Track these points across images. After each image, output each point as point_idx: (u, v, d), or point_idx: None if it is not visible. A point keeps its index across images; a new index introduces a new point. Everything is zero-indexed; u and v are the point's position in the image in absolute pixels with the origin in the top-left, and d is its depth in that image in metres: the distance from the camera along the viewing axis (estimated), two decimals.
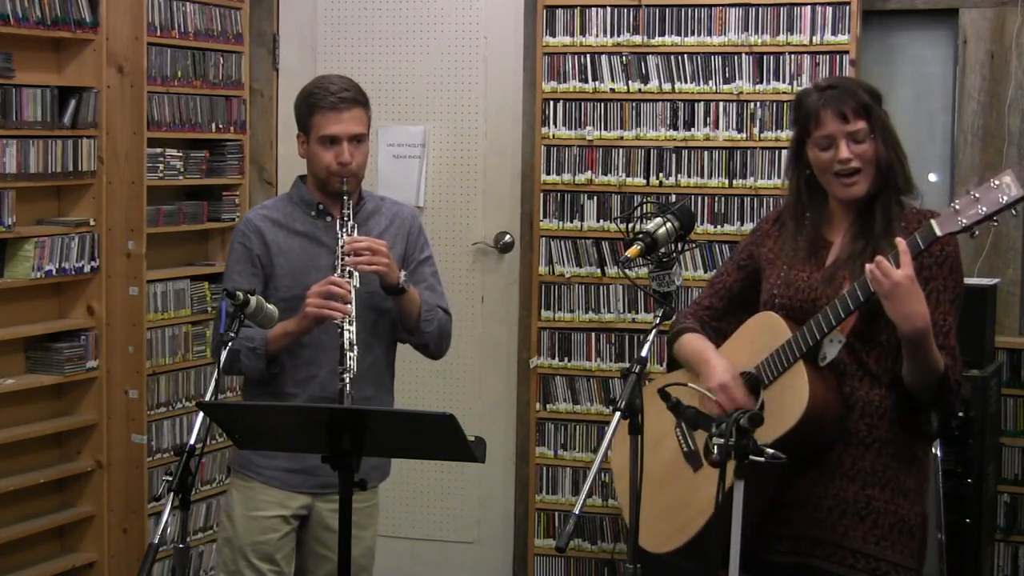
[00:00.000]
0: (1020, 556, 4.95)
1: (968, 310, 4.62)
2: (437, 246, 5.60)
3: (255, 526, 3.59)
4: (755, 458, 2.72)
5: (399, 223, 3.72)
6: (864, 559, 3.05)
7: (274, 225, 3.62)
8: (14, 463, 4.82)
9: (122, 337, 5.02)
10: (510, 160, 5.48)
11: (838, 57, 4.91)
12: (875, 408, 3.06)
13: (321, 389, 3.55)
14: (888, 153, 3.07)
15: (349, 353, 3.39)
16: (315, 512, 3.64)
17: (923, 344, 2.92)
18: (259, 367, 3.52)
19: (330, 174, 3.56)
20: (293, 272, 3.58)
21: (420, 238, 3.77)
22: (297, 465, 3.57)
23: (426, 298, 3.66)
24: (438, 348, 3.74)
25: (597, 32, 5.16)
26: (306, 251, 3.61)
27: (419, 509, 5.59)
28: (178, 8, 5.15)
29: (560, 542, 2.68)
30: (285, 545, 3.62)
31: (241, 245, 3.63)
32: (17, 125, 4.69)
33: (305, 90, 3.64)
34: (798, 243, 3.18)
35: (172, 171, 5.18)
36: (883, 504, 3.06)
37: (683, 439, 3.24)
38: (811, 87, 3.19)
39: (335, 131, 3.54)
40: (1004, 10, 5.03)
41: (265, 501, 3.60)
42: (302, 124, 3.62)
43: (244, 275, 3.58)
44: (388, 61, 5.57)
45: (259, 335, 3.50)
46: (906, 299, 2.86)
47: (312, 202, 3.65)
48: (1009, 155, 5.02)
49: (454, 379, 5.53)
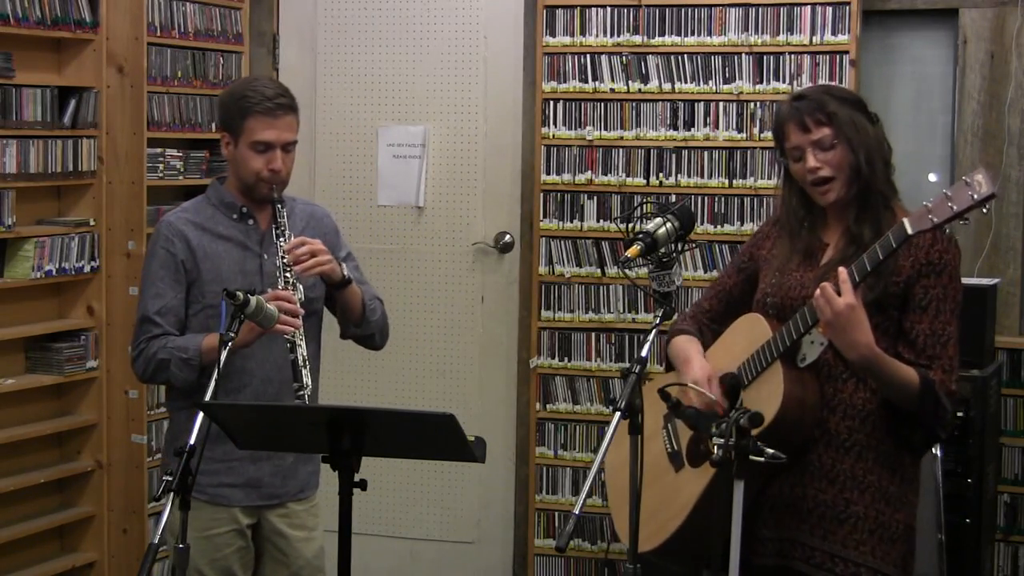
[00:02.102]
0: (1020, 556, 4.95)
1: (968, 310, 4.63)
2: (437, 246, 5.64)
3: (208, 545, 3.51)
4: (755, 458, 2.72)
5: (315, 223, 3.65)
6: (843, 563, 3.03)
7: (197, 229, 3.52)
8: (14, 463, 4.82)
9: (122, 337, 5.02)
10: (510, 160, 5.48)
11: (838, 57, 4.91)
12: (857, 411, 3.04)
13: (254, 398, 3.48)
14: (857, 157, 3.05)
15: (303, 370, 3.34)
16: (265, 521, 3.59)
17: (874, 369, 2.92)
18: (190, 378, 3.43)
19: (259, 180, 3.47)
20: (220, 277, 3.48)
21: (338, 237, 3.70)
22: (239, 480, 3.52)
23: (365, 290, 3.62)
24: (382, 338, 3.68)
25: (597, 32, 5.16)
26: (232, 256, 3.52)
27: (419, 509, 5.59)
28: (178, 8, 5.15)
29: (560, 542, 2.68)
30: (243, 556, 3.57)
31: (164, 250, 3.50)
32: (17, 125, 4.69)
33: (236, 91, 3.52)
34: (795, 245, 3.18)
35: (172, 171, 5.18)
36: (862, 509, 3.03)
37: (668, 440, 3.24)
38: (785, 99, 3.21)
39: (269, 138, 3.44)
40: (1004, 10, 5.02)
41: (215, 519, 3.53)
42: (229, 125, 3.49)
43: (168, 282, 3.49)
44: (388, 61, 5.57)
45: (192, 345, 3.42)
46: (847, 328, 2.85)
47: (235, 205, 3.55)
48: (1009, 155, 5.02)
49: (454, 379, 5.54)
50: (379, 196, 5.58)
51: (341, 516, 2.97)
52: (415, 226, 5.57)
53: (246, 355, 3.45)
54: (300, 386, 3.34)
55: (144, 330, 3.50)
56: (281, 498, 3.60)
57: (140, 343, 3.50)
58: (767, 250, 3.27)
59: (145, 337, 3.49)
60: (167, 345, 3.45)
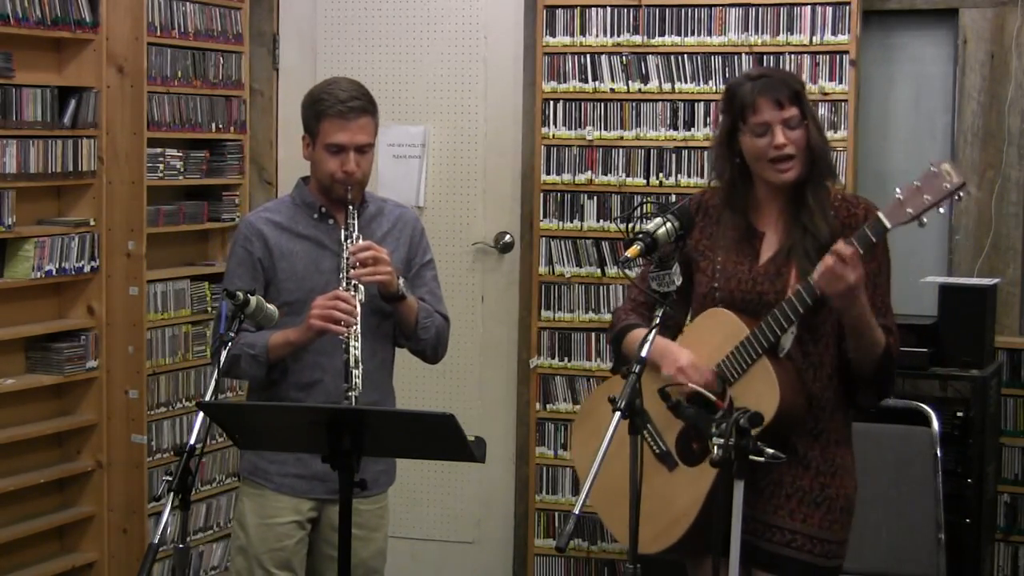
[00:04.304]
0: (1020, 556, 4.95)
1: (968, 310, 4.66)
2: (437, 246, 5.59)
3: (270, 534, 3.57)
4: (755, 458, 2.73)
5: (402, 226, 3.70)
6: (820, 544, 3.15)
7: (276, 228, 3.60)
8: (14, 463, 4.82)
9: (122, 337, 5.02)
10: (510, 160, 5.48)
11: (838, 57, 4.91)
12: (818, 399, 3.16)
13: (326, 395, 3.53)
14: (820, 139, 3.16)
15: (354, 371, 3.38)
16: (325, 515, 3.62)
17: (860, 326, 3.04)
18: (259, 374, 3.51)
19: (334, 181, 3.54)
20: (296, 276, 3.56)
21: (423, 242, 3.76)
22: (307, 471, 3.55)
23: (427, 302, 3.65)
24: (435, 354, 3.73)
25: (597, 32, 5.16)
26: (309, 254, 3.58)
27: (419, 509, 5.59)
28: (178, 8, 5.15)
29: (560, 542, 2.68)
30: (300, 550, 3.61)
31: (243, 248, 3.59)
32: (17, 125, 4.69)
33: (314, 94, 3.59)
34: (729, 233, 3.22)
35: (172, 171, 5.18)
36: (835, 490, 3.17)
37: (652, 441, 3.21)
38: (742, 77, 3.26)
39: (341, 140, 3.50)
40: (1004, 10, 5.02)
41: (278, 507, 3.58)
42: (308, 127, 3.58)
43: (245, 279, 3.55)
44: (388, 61, 5.57)
45: (260, 341, 3.48)
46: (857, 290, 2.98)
47: (315, 205, 3.62)
48: (1009, 155, 5.02)
49: (454, 379, 5.53)
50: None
51: (341, 516, 2.97)
52: None
53: (318, 350, 3.50)
54: (349, 387, 3.37)
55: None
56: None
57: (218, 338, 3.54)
58: (695, 239, 3.27)
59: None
60: (240, 341, 3.45)
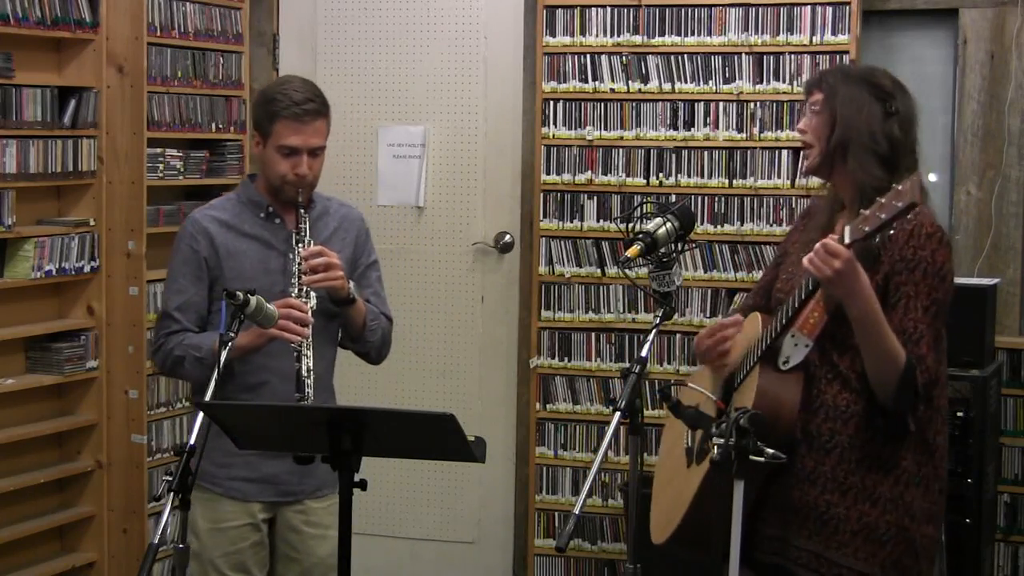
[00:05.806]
0: (1020, 556, 4.95)
1: (968, 310, 4.60)
2: (437, 246, 5.65)
3: (222, 538, 3.53)
4: (755, 458, 2.73)
5: (347, 226, 3.67)
6: (826, 564, 3.02)
7: (222, 226, 3.54)
8: (14, 463, 4.82)
9: (122, 337, 5.02)
10: (510, 160, 5.48)
11: (838, 57, 4.91)
12: (840, 412, 3.02)
13: (274, 397, 3.49)
14: (839, 132, 3.01)
15: (307, 380, 3.35)
16: (280, 516, 3.60)
17: (869, 324, 2.88)
18: (203, 376, 3.42)
19: (285, 183, 3.49)
20: (243, 276, 3.49)
21: (368, 242, 3.72)
22: (256, 475, 3.53)
23: (372, 303, 3.63)
24: (379, 355, 3.70)
25: (597, 32, 5.16)
26: (257, 254, 3.54)
27: (419, 509, 5.59)
28: (178, 8, 5.15)
29: (560, 542, 2.69)
30: (258, 552, 3.58)
31: (188, 247, 3.53)
32: (17, 125, 4.69)
33: (267, 93, 3.53)
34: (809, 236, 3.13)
35: (172, 171, 5.18)
36: (843, 510, 3.01)
37: (688, 437, 3.27)
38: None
39: (295, 143, 3.46)
40: (1004, 10, 5.02)
41: (228, 512, 3.54)
42: (259, 126, 3.52)
43: (190, 278, 3.52)
44: (388, 61, 5.57)
45: (206, 344, 3.44)
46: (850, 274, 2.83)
47: (262, 204, 3.57)
48: (1009, 155, 5.02)
49: (454, 379, 5.54)
50: (379, 196, 5.58)
51: (341, 516, 2.97)
52: (415, 226, 5.58)
53: (266, 353, 3.47)
54: (301, 397, 3.34)
55: (164, 325, 3.54)
56: (298, 495, 3.59)
57: (160, 338, 3.54)
58: (792, 241, 3.27)
59: (164, 332, 3.53)
60: (183, 342, 3.47)
